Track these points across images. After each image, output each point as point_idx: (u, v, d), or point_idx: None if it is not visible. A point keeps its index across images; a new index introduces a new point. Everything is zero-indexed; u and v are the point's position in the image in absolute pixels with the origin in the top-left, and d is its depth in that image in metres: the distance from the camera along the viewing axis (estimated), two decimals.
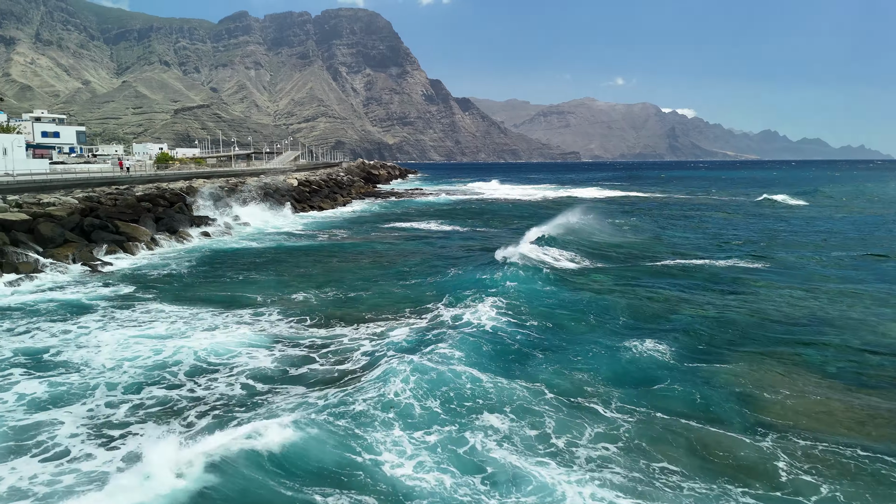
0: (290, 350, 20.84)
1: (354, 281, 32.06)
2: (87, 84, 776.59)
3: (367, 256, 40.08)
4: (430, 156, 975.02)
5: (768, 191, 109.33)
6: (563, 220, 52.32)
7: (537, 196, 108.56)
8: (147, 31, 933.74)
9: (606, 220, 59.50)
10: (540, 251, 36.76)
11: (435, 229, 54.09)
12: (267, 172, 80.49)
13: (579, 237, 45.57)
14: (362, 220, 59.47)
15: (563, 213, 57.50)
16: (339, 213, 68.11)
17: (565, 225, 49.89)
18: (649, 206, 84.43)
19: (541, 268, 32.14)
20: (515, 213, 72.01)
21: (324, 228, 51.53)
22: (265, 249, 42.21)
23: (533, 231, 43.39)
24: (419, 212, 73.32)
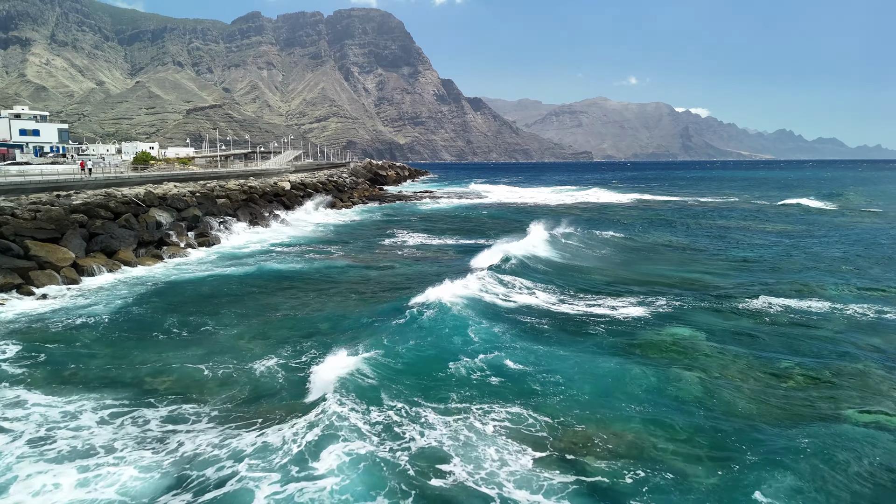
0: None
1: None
2: (102, 84, 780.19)
3: (328, 293, 30.60)
4: (442, 156, 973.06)
5: (799, 194, 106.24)
6: (560, 231, 48.91)
7: (554, 200, 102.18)
8: (161, 31, 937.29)
9: (632, 231, 54.82)
10: (491, 284, 29.39)
11: (428, 244, 46.59)
12: (260, 174, 78.38)
13: (571, 259, 39.02)
14: (352, 232, 53.77)
15: (562, 223, 54.11)
16: (332, 221, 63.03)
17: (560, 241, 45.08)
18: (681, 213, 75.27)
19: (467, 322, 22.88)
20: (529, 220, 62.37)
21: (310, 242, 45.93)
22: (228, 280, 32.67)
23: (496, 250, 37.43)
24: (423, 218, 68.44)
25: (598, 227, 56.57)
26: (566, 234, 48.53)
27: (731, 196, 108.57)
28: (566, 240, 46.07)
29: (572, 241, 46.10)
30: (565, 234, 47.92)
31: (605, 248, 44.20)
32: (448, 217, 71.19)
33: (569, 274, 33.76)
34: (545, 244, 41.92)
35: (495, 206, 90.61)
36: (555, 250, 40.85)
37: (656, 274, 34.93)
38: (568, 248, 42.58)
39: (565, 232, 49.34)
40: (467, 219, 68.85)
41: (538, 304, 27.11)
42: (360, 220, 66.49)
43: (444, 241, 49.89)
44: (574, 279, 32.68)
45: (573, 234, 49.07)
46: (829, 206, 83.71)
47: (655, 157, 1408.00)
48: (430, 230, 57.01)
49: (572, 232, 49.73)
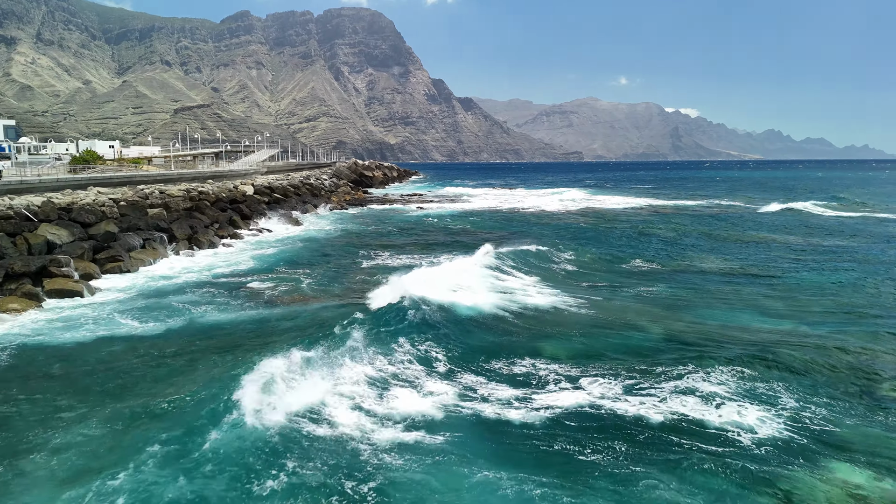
0: None
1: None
2: (88, 84, 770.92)
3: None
4: (433, 156, 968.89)
5: (821, 196, 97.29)
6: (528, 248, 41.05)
7: (554, 205, 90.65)
8: (149, 30, 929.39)
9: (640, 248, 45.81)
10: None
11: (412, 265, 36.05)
12: (224, 175, 69.54)
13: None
14: (319, 250, 42.73)
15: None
16: (299, 234, 52.48)
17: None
18: (711, 223, 63.48)
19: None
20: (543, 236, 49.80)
21: (263, 270, 35.30)
22: (128, 345, 21.75)
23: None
24: (407, 230, 57.00)
25: (625, 247, 44.53)
26: (580, 259, 39.65)
27: (751, 200, 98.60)
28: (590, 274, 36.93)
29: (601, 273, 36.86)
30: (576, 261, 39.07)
31: (639, 287, 31.85)
32: (436, 228, 59.82)
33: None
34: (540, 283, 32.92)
35: (489, 212, 77.35)
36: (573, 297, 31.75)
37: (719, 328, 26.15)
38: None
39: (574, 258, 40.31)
40: (460, 232, 56.65)
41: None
42: (334, 231, 55.69)
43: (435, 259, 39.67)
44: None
45: (598, 258, 39.81)
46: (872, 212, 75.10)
47: (646, 157, 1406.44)
48: (415, 246, 45.92)
49: (597, 257, 40.30)
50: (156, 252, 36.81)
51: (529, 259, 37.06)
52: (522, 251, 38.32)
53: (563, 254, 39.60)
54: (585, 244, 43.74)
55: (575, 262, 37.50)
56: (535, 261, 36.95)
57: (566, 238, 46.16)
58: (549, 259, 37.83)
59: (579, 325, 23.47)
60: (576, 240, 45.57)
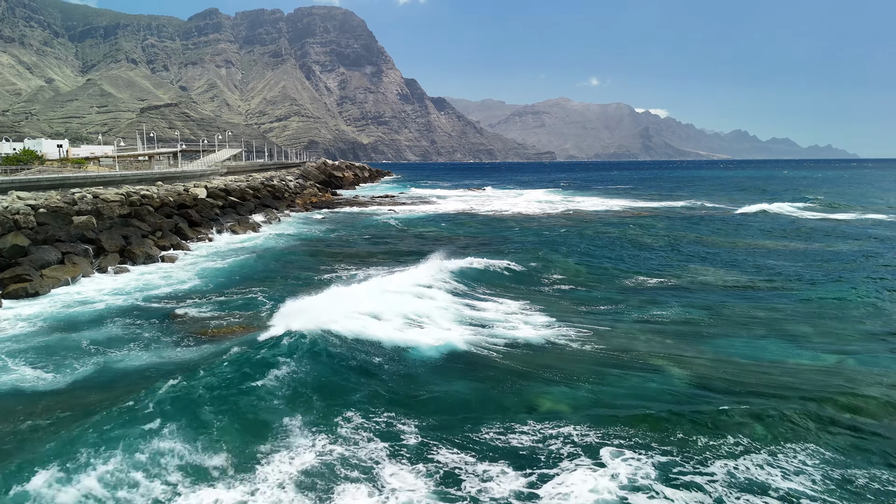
0: None
1: None
2: (51, 82, 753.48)
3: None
4: (406, 156, 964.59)
5: (782, 197, 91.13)
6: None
7: (533, 207, 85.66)
8: (114, 28, 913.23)
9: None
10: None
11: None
12: (177, 177, 63.59)
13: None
14: (273, 262, 37.27)
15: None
16: (253, 243, 46.04)
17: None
18: (699, 225, 59.56)
19: None
20: (526, 242, 45.78)
21: (205, 291, 29.64)
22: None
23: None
24: (374, 238, 50.87)
25: (618, 258, 39.53)
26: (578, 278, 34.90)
27: (733, 200, 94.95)
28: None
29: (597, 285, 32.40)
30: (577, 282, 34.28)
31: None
32: (406, 235, 53.95)
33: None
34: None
35: (464, 216, 71.47)
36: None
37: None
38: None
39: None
40: (433, 239, 50.80)
41: None
42: (295, 238, 49.89)
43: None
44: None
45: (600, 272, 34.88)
46: (848, 216, 71.67)
47: (617, 157, 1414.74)
48: (384, 256, 40.25)
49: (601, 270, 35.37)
50: (76, 269, 30.69)
51: (510, 275, 32.48)
52: (502, 267, 33.71)
53: (550, 268, 34.69)
54: (572, 255, 38.79)
55: (564, 279, 32.73)
56: (517, 277, 32.38)
57: (550, 247, 41.30)
58: (533, 275, 33.11)
59: (582, 365, 18.78)
60: (561, 249, 40.51)
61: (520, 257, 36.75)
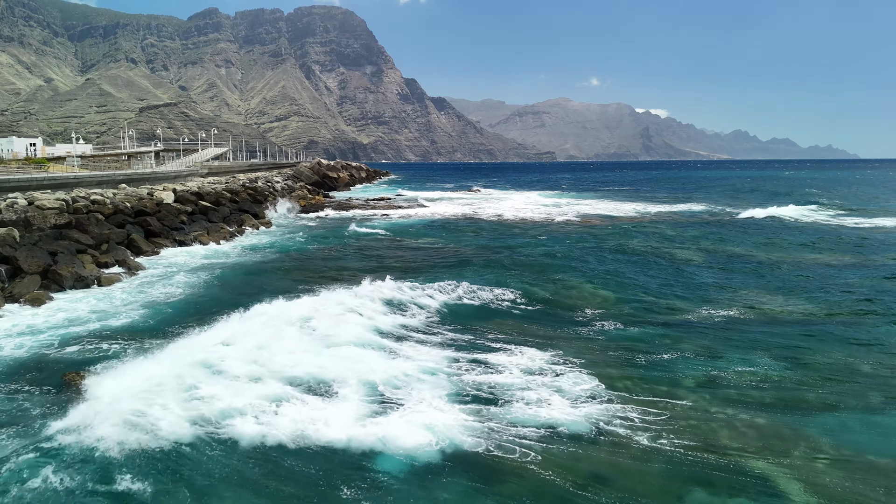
0: None
1: None
2: (50, 82, 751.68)
3: None
4: (406, 155, 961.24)
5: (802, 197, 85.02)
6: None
7: (537, 213, 78.14)
8: (113, 27, 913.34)
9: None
10: None
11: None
12: (147, 179, 56.65)
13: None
14: (215, 295, 28.95)
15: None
16: (204, 264, 37.52)
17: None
18: (721, 235, 51.11)
19: None
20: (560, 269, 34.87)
21: (108, 335, 22.14)
22: None
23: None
24: (361, 249, 43.95)
25: (652, 281, 31.75)
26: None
27: (750, 202, 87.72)
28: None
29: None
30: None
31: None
32: (399, 245, 46.56)
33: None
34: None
35: (465, 222, 65.20)
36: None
37: None
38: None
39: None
40: (427, 252, 42.90)
41: None
42: (269, 251, 42.71)
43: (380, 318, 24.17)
44: None
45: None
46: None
47: (617, 157, 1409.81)
48: (369, 276, 30.17)
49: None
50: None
51: (523, 308, 25.81)
52: (511, 299, 26.85)
53: (571, 296, 27.73)
54: (595, 276, 31.62)
55: (593, 313, 25.51)
56: (531, 312, 25.61)
57: (566, 265, 34.70)
58: (552, 308, 26.11)
59: (659, 481, 12.37)
60: (580, 268, 33.51)
61: (532, 280, 29.84)
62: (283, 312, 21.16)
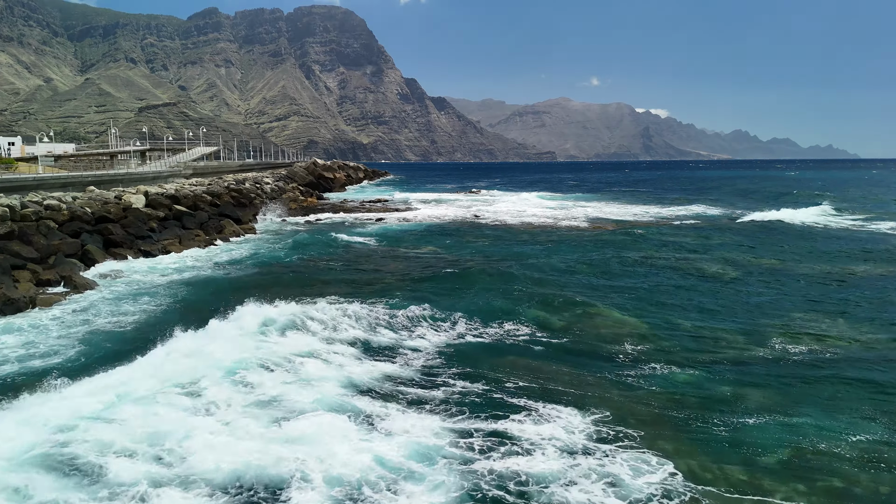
0: None
1: None
2: (49, 81, 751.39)
3: None
4: (406, 155, 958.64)
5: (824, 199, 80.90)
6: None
7: (543, 215, 73.31)
8: (113, 27, 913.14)
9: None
10: None
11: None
12: (121, 181, 51.65)
13: None
14: (167, 320, 23.45)
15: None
16: (164, 281, 31.62)
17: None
18: (751, 245, 45.66)
19: None
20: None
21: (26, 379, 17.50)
22: None
23: None
24: (348, 262, 38.73)
25: (693, 308, 26.14)
26: None
27: (769, 205, 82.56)
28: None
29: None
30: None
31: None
32: (392, 256, 41.95)
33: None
34: None
35: (466, 227, 60.57)
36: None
37: None
38: None
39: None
40: (422, 263, 38.40)
41: None
42: (245, 261, 37.76)
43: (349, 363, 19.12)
44: None
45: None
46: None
47: (618, 157, 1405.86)
48: (351, 298, 26.51)
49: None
50: None
51: (544, 344, 20.86)
52: (526, 335, 21.49)
53: (598, 325, 22.73)
54: (621, 298, 26.70)
55: (630, 351, 20.12)
56: (552, 349, 20.45)
57: (584, 281, 29.84)
58: (577, 344, 20.73)
59: None
60: (601, 288, 28.16)
61: (548, 305, 24.91)
62: (217, 359, 16.11)
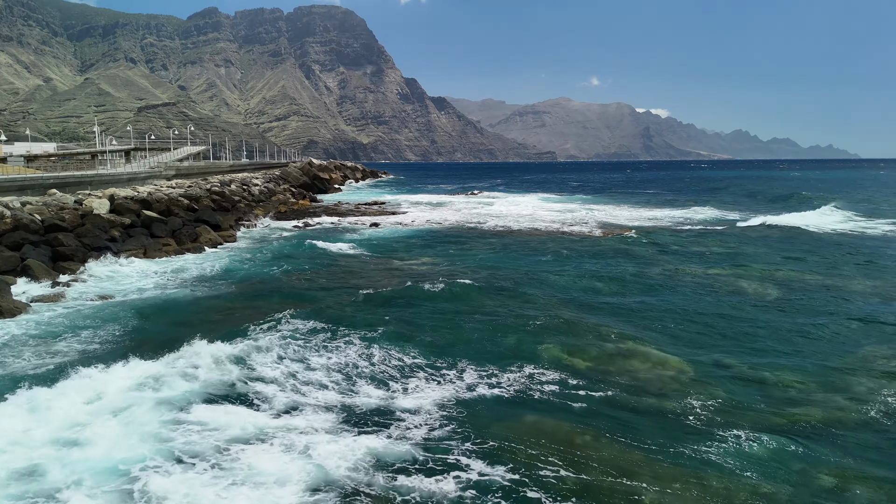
0: None
1: None
2: (49, 81, 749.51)
3: None
4: (406, 155, 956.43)
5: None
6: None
7: (551, 220, 69.25)
8: (112, 27, 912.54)
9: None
10: None
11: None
12: (90, 182, 46.66)
13: None
14: (99, 353, 19.69)
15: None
16: (113, 302, 26.46)
17: None
18: (789, 259, 39.51)
19: None
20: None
21: None
22: None
23: None
24: (332, 276, 33.82)
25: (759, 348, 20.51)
26: None
27: (785, 208, 77.95)
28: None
29: None
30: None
31: None
32: (383, 271, 35.89)
33: None
34: None
35: (469, 234, 55.81)
36: None
37: None
38: None
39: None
40: (417, 280, 31.27)
41: None
42: (215, 276, 32.52)
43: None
44: None
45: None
46: None
47: (618, 157, 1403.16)
48: (322, 335, 21.38)
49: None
50: None
51: (587, 400, 15.90)
52: (556, 381, 16.74)
53: (641, 373, 18.03)
54: (657, 329, 21.92)
55: (686, 408, 15.48)
56: (599, 413, 15.25)
57: (608, 303, 25.17)
58: (625, 400, 15.96)
59: None
60: (630, 312, 23.59)
61: (572, 336, 20.14)
62: (95, 454, 10.98)
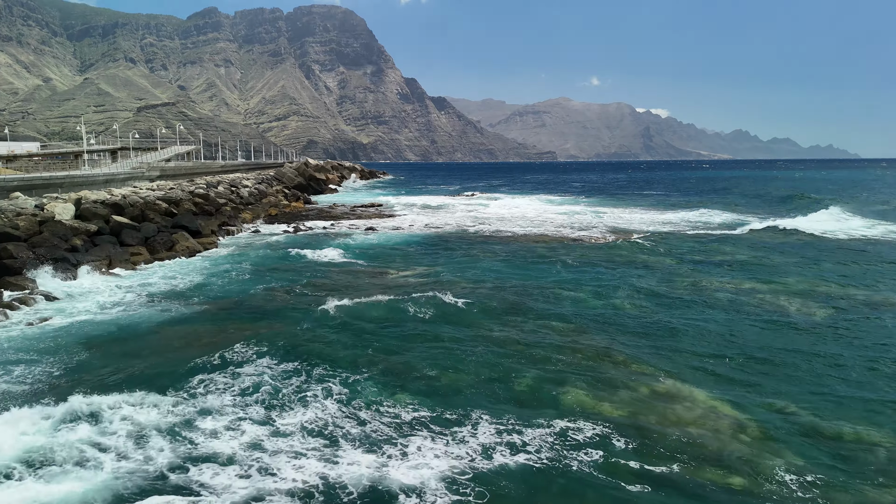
0: None
1: None
2: (48, 81, 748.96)
3: None
4: (406, 155, 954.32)
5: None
6: None
7: (556, 223, 65.92)
8: (112, 27, 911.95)
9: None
10: None
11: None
12: (61, 184, 42.90)
13: None
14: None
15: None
16: (37, 329, 22.31)
17: None
18: (816, 266, 36.53)
19: None
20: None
21: None
22: None
23: None
24: (319, 287, 30.45)
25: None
26: None
27: (801, 209, 74.64)
28: None
29: None
30: None
31: None
32: (376, 286, 31.01)
33: None
34: None
35: (472, 240, 52.20)
36: None
37: None
38: None
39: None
40: (411, 291, 28.27)
41: None
42: (183, 293, 28.67)
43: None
44: None
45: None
46: None
47: (618, 157, 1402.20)
48: (290, 382, 17.39)
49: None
50: None
51: (639, 479, 12.42)
52: (598, 445, 13.25)
53: (690, 431, 13.52)
54: (699, 366, 18.34)
55: (759, 487, 12.29)
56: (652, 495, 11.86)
57: (637, 329, 21.61)
58: (681, 476, 12.42)
59: None
60: (662, 342, 19.74)
61: (601, 379, 16.50)
62: None
